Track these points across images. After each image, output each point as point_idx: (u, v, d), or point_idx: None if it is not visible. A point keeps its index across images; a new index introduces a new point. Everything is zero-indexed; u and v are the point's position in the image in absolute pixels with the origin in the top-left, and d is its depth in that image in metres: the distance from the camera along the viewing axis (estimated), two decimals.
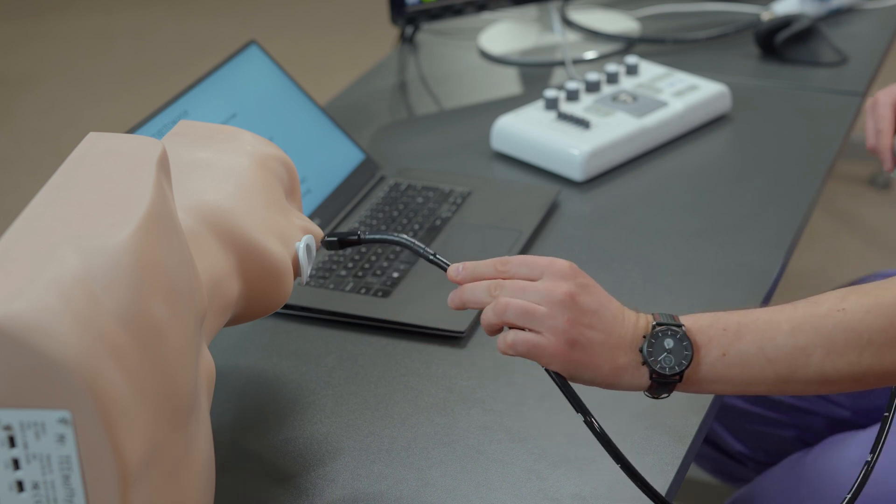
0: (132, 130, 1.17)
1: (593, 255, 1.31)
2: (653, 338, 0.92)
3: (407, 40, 1.88)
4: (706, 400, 1.07)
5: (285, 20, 4.15)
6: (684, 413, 1.05)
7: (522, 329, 0.91)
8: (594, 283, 0.94)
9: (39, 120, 3.61)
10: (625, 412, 1.06)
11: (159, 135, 1.19)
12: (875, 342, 0.91)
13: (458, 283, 0.96)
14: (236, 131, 1.02)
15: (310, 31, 4.05)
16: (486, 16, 1.91)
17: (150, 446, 0.74)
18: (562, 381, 0.92)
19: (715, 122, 1.58)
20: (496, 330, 0.93)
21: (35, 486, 0.72)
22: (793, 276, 2.55)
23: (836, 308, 0.92)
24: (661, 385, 0.92)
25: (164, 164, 0.83)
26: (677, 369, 0.91)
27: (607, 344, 0.92)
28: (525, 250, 1.30)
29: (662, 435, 1.03)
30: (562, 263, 0.94)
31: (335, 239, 1.02)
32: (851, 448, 1.24)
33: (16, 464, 0.72)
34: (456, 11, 1.77)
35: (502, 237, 1.31)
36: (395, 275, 1.25)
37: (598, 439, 0.91)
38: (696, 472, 1.89)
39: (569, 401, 0.91)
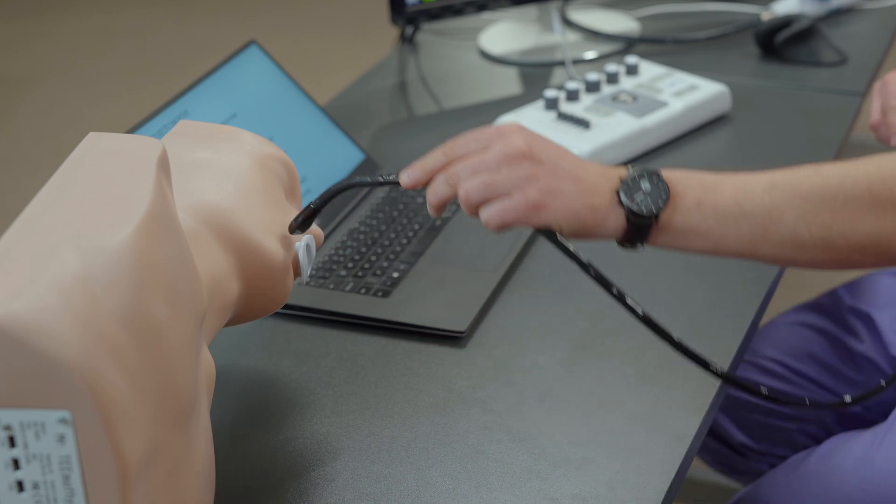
0: (132, 130, 1.17)
1: (593, 255, 1.31)
2: (630, 179, 0.93)
3: (407, 40, 1.88)
4: (706, 400, 1.07)
5: (285, 20, 4.15)
6: (684, 413, 1.05)
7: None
8: (546, 138, 0.95)
9: (39, 120, 3.61)
10: (625, 412, 1.06)
11: (159, 135, 1.19)
12: (849, 206, 0.91)
13: (416, 187, 0.96)
14: (236, 131, 1.02)
15: (310, 31, 4.05)
16: (486, 16, 1.91)
17: (150, 446, 0.74)
18: (552, 237, 0.93)
19: (715, 122, 1.58)
20: (476, 210, 0.94)
21: (35, 486, 0.72)
22: (793, 276, 2.55)
23: (813, 172, 0.93)
24: (637, 229, 0.92)
25: (164, 164, 0.83)
26: (654, 210, 0.92)
27: (577, 188, 0.93)
28: (525, 250, 1.30)
29: (662, 435, 1.03)
30: (508, 125, 0.95)
31: (298, 222, 1.00)
32: (855, 448, 1.24)
33: (16, 464, 0.72)
34: (456, 11, 1.77)
35: (502, 237, 1.31)
36: (395, 275, 1.25)
37: (597, 282, 0.93)
38: (696, 472, 1.89)
39: (567, 255, 0.93)
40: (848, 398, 1.05)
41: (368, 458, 1.02)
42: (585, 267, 0.94)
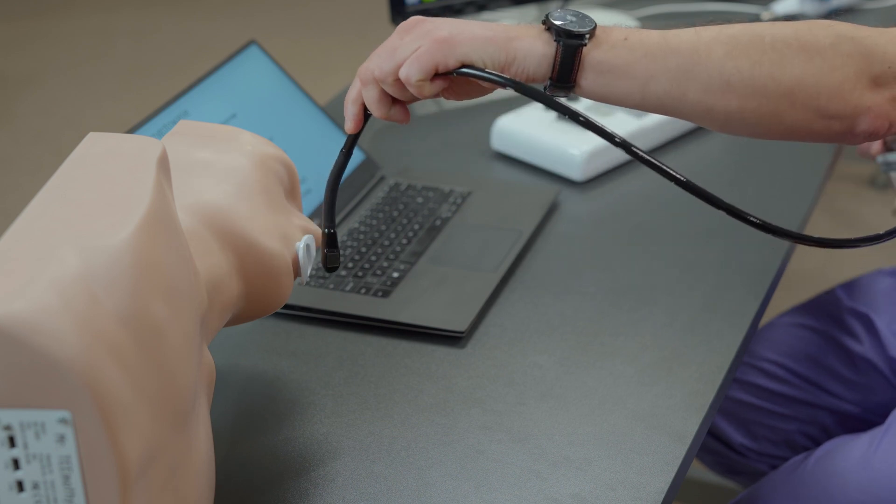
0: (132, 130, 1.17)
1: (593, 255, 1.31)
2: (555, 12, 0.93)
3: None
4: (706, 400, 1.07)
5: (285, 20, 4.16)
6: (684, 413, 1.06)
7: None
8: None
9: (39, 120, 3.61)
10: (625, 412, 1.06)
11: (159, 135, 1.19)
12: (777, 48, 0.91)
13: (359, 122, 0.98)
14: (236, 131, 1.02)
15: (310, 31, 4.05)
16: (486, 16, 1.90)
17: (150, 446, 0.74)
18: (479, 71, 0.92)
19: None
20: (398, 81, 0.94)
21: (35, 486, 0.72)
22: (793, 276, 2.55)
23: (742, 23, 0.94)
24: (565, 53, 0.91)
25: (164, 164, 0.83)
26: (582, 29, 0.91)
27: (485, 26, 0.94)
28: (525, 250, 1.30)
29: (662, 435, 1.03)
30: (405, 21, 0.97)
31: (336, 255, 1.05)
32: (853, 451, 1.24)
33: (16, 464, 0.72)
34: (456, 11, 1.77)
35: (502, 237, 1.31)
36: (395, 275, 1.25)
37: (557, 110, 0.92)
38: (696, 472, 1.89)
39: (499, 83, 0.92)
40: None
41: (368, 458, 1.02)
42: (529, 91, 0.92)
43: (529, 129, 1.49)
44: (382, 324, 1.19)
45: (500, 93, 1.74)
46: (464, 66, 0.93)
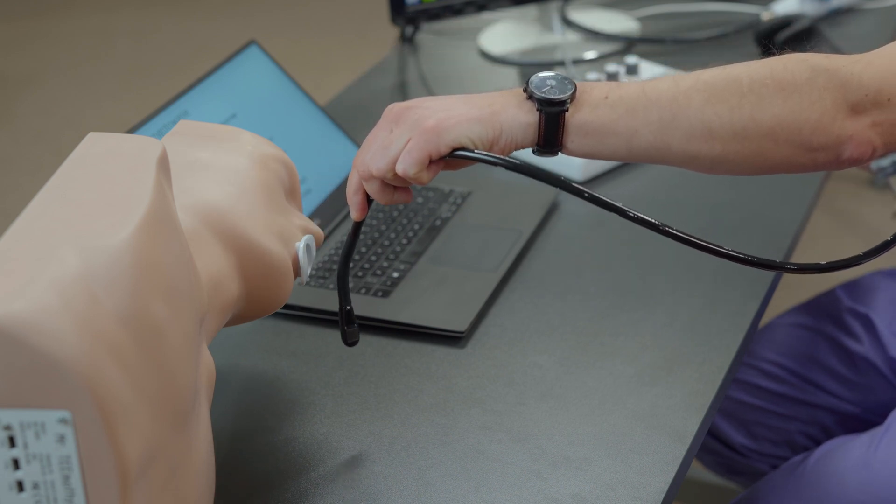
0: (132, 130, 1.17)
1: (593, 255, 1.31)
2: (534, 79, 0.94)
3: (407, 40, 1.88)
4: (706, 399, 1.07)
5: (285, 20, 4.16)
6: (684, 413, 1.06)
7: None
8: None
9: (39, 120, 3.61)
10: (625, 412, 1.06)
11: (159, 135, 1.19)
12: (755, 90, 0.92)
13: (363, 210, 1.00)
14: (236, 131, 1.02)
15: (310, 31, 4.05)
16: (486, 16, 1.91)
17: (150, 446, 0.74)
18: (467, 153, 0.94)
19: None
20: (396, 175, 0.96)
21: (35, 486, 0.72)
22: (793, 276, 2.55)
23: (717, 67, 0.95)
24: (549, 121, 0.93)
25: (164, 164, 0.83)
26: (562, 96, 0.93)
27: (470, 102, 0.95)
28: (525, 250, 1.30)
29: (662, 435, 1.03)
30: (389, 105, 0.99)
31: (355, 331, 1.08)
32: (852, 451, 1.24)
33: (16, 464, 0.72)
34: (456, 11, 1.77)
35: (502, 237, 1.31)
36: (395, 275, 1.25)
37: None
38: (696, 472, 1.89)
39: (490, 162, 0.94)
40: None
41: (368, 458, 1.02)
42: (522, 169, 0.94)
43: None
44: (382, 324, 1.19)
45: None
46: (455, 149, 0.95)
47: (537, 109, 0.94)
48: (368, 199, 1.00)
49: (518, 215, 1.36)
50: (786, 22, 1.74)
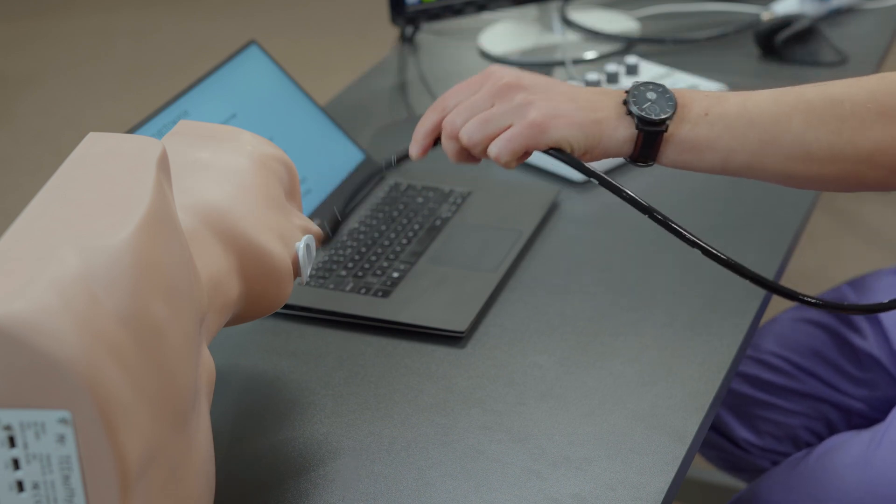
0: (132, 130, 1.17)
1: (593, 255, 1.31)
2: (635, 90, 0.94)
3: (407, 40, 1.88)
4: (706, 399, 1.07)
5: (285, 20, 4.16)
6: (684, 413, 1.06)
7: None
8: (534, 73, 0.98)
9: (39, 120, 3.61)
10: (625, 412, 1.06)
11: (159, 135, 1.19)
12: (857, 114, 0.91)
13: (425, 151, 1.00)
14: (236, 131, 1.02)
15: (310, 31, 4.05)
16: (486, 16, 1.91)
17: (150, 446, 0.74)
18: (563, 155, 0.94)
19: None
20: (484, 150, 0.96)
21: (35, 486, 0.72)
22: (793, 276, 2.55)
23: (818, 85, 0.94)
24: (647, 138, 0.93)
25: (164, 164, 0.83)
26: (663, 116, 0.92)
27: (577, 104, 0.94)
28: (525, 250, 1.30)
29: (662, 435, 1.03)
30: (493, 66, 0.97)
31: (328, 231, 1.05)
32: (854, 448, 1.24)
33: (16, 464, 0.72)
34: (456, 11, 1.77)
35: (502, 237, 1.31)
36: (395, 275, 1.25)
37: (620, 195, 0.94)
38: (696, 471, 1.89)
39: (582, 171, 0.94)
40: None
41: (368, 458, 1.02)
42: (608, 184, 0.95)
43: None
44: (382, 324, 1.19)
45: None
46: (552, 149, 0.95)
47: (637, 128, 0.93)
48: (434, 144, 1.00)
49: (518, 215, 1.36)
50: (786, 22, 1.74)
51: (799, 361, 1.44)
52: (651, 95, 0.94)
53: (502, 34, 1.88)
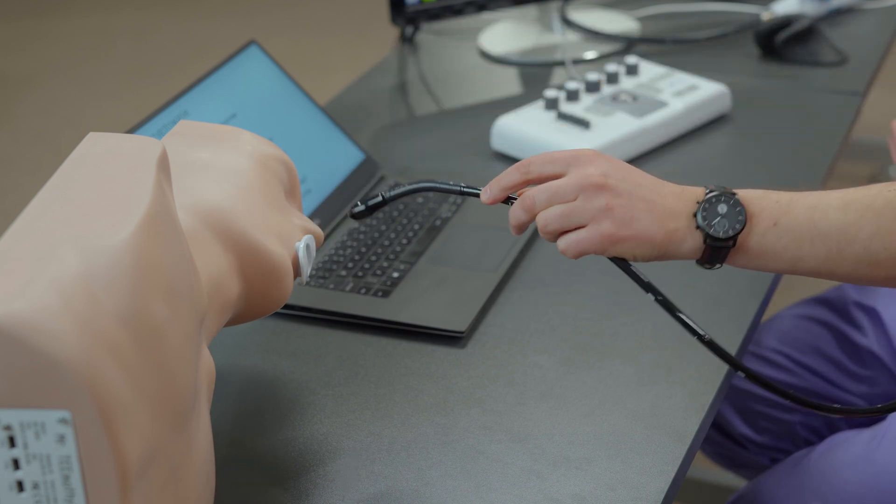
0: (132, 130, 1.17)
1: (593, 255, 1.31)
2: (707, 203, 0.94)
3: (407, 40, 1.88)
4: (706, 399, 1.07)
5: (285, 20, 4.15)
6: (684, 413, 1.05)
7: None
8: (621, 161, 0.97)
9: (39, 120, 3.61)
10: (625, 412, 1.06)
11: (159, 135, 1.19)
12: None
13: (494, 203, 0.99)
14: (236, 131, 1.02)
15: (310, 31, 4.05)
16: (486, 16, 1.91)
17: (150, 446, 0.74)
18: (624, 265, 0.96)
19: (715, 122, 1.58)
20: (554, 238, 0.97)
21: (35, 486, 0.72)
22: (793, 276, 2.55)
23: (886, 189, 0.93)
24: (714, 251, 0.94)
25: (164, 164, 0.83)
26: (731, 233, 0.93)
27: (654, 214, 0.95)
28: (525, 250, 1.30)
29: (662, 435, 1.03)
30: (584, 151, 0.97)
31: (363, 207, 1.04)
32: (855, 446, 1.24)
33: (16, 464, 0.72)
34: (456, 11, 1.77)
35: (502, 237, 1.31)
36: (395, 275, 1.25)
37: (674, 316, 0.96)
38: (696, 471, 1.89)
39: (637, 282, 0.96)
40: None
41: (368, 458, 1.02)
42: (655, 292, 0.97)
43: (529, 129, 1.49)
44: (382, 324, 1.19)
45: (500, 93, 1.74)
46: (617, 258, 0.97)
47: (704, 242, 0.94)
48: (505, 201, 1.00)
49: None
50: (786, 22, 1.74)
51: (799, 358, 1.44)
52: (722, 209, 0.94)
53: (502, 34, 1.88)
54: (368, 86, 1.76)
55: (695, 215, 0.94)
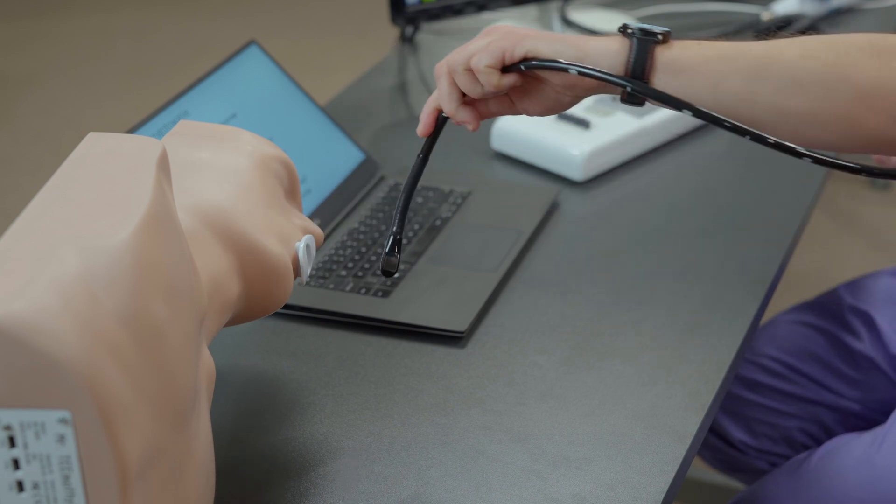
0: (132, 130, 1.17)
1: (593, 255, 1.31)
2: (628, 24, 0.95)
3: (407, 40, 1.88)
4: (706, 399, 1.07)
5: (285, 20, 4.15)
6: (684, 413, 1.06)
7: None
8: None
9: (39, 120, 3.61)
10: (625, 412, 1.06)
11: (159, 135, 1.19)
12: (852, 54, 0.91)
13: (429, 124, 1.01)
14: (236, 131, 1.02)
15: (310, 31, 4.05)
16: (486, 16, 1.91)
17: (150, 446, 0.74)
18: (548, 62, 0.94)
19: None
20: (474, 75, 0.97)
21: (35, 486, 0.72)
22: (793, 276, 2.55)
23: (817, 35, 0.94)
24: (639, 48, 0.93)
25: (164, 164, 0.83)
26: (655, 30, 0.93)
27: (563, 35, 0.96)
28: (525, 250, 1.30)
29: (662, 435, 1.03)
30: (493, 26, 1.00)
31: (389, 254, 1.04)
32: (855, 449, 1.24)
33: (16, 464, 0.72)
34: (456, 11, 1.77)
35: (502, 237, 1.31)
36: (396, 275, 1.25)
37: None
38: (696, 472, 1.89)
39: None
40: None
41: (368, 458, 1.02)
42: (596, 75, 0.95)
43: (529, 128, 1.49)
44: (382, 324, 1.19)
45: None
46: (530, 58, 0.94)
47: (629, 36, 0.94)
48: (440, 119, 1.00)
49: (518, 215, 1.36)
50: (786, 22, 1.74)
51: (794, 364, 1.44)
52: (644, 24, 0.95)
53: None
54: (368, 86, 1.76)
55: (619, 30, 0.95)
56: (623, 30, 0.95)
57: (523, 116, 1.50)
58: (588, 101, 1.54)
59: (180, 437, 0.79)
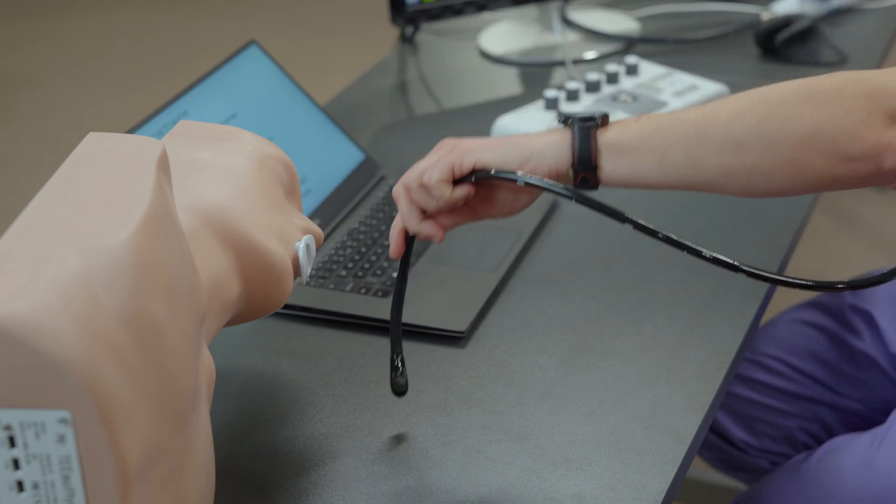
0: (132, 130, 1.17)
1: (593, 255, 1.31)
2: (566, 116, 0.97)
3: (407, 40, 1.88)
4: (706, 399, 1.07)
5: (285, 20, 4.15)
6: (684, 413, 1.06)
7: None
8: None
9: (39, 120, 3.61)
10: (625, 412, 1.06)
11: (159, 135, 1.19)
12: (785, 105, 0.92)
13: (399, 245, 1.02)
14: (236, 131, 1.02)
15: (310, 31, 4.05)
16: (486, 16, 1.91)
17: (150, 446, 0.74)
18: (497, 173, 0.96)
19: None
20: (416, 189, 0.99)
21: (35, 486, 0.72)
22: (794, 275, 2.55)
23: (746, 91, 0.96)
24: (582, 135, 0.95)
25: (164, 164, 0.83)
26: (594, 115, 0.95)
27: (506, 140, 0.98)
28: (525, 250, 1.30)
29: (662, 435, 1.03)
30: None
31: (401, 382, 1.06)
32: (855, 450, 1.24)
33: (16, 464, 0.72)
34: (456, 11, 1.77)
35: (502, 237, 1.31)
36: (395, 275, 1.25)
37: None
38: (696, 472, 1.89)
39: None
40: None
41: (368, 458, 1.02)
42: (543, 185, 0.96)
43: (529, 129, 1.49)
44: (382, 324, 1.19)
45: (500, 93, 1.74)
46: (478, 169, 0.97)
47: (569, 126, 0.96)
48: (408, 237, 1.01)
49: (518, 215, 1.36)
50: (786, 22, 1.74)
51: (795, 363, 1.44)
52: (581, 115, 0.97)
53: (502, 34, 1.88)
54: (368, 86, 1.76)
55: (558, 118, 0.97)
56: (564, 121, 0.97)
57: (523, 116, 1.51)
58: (588, 101, 1.54)
59: (180, 437, 0.79)
